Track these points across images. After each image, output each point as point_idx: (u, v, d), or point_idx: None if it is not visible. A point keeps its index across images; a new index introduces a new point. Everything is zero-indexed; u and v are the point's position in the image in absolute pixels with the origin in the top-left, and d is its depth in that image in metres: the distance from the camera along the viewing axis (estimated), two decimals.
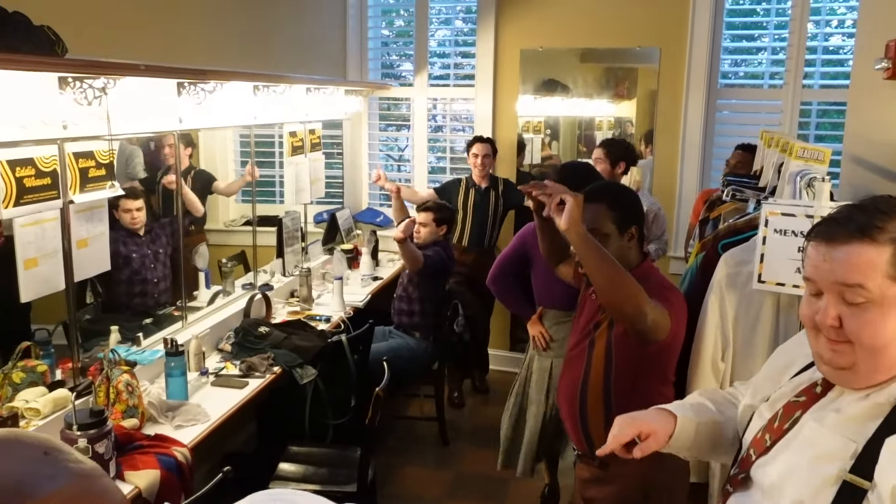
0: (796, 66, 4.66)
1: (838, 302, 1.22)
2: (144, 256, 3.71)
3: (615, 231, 2.20)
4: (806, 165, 2.27)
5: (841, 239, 1.21)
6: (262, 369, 3.31)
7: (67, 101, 2.55)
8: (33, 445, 0.70)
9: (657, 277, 2.21)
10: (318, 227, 5.34)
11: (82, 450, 2.28)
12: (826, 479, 1.21)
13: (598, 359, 2.21)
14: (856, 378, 1.24)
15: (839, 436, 1.22)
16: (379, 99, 5.75)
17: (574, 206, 1.92)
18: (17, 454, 0.68)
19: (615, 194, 2.28)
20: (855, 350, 1.22)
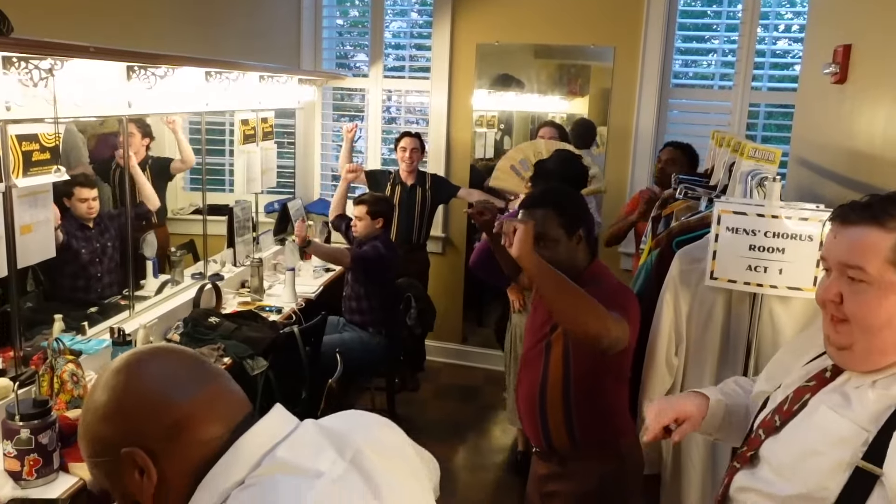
0: (745, 68, 4.77)
1: (841, 280, 1.29)
2: (94, 247, 3.61)
3: (563, 235, 2.21)
4: (757, 165, 2.33)
5: (853, 220, 1.28)
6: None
7: (11, 82, 2.46)
8: (189, 353, 1.03)
9: (607, 279, 2.22)
10: (269, 218, 5.26)
11: (24, 440, 2.22)
12: (839, 464, 1.25)
13: (556, 362, 2.23)
14: (854, 359, 1.30)
15: (852, 424, 1.27)
16: (333, 89, 5.70)
17: (524, 234, 1.90)
18: (181, 359, 1.01)
19: (560, 198, 2.28)
20: (853, 330, 1.28)
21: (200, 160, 4.31)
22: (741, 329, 2.29)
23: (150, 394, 0.95)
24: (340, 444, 1.01)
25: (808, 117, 3.23)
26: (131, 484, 0.94)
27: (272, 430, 0.98)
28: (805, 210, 2.10)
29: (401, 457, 1.09)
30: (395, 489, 1.01)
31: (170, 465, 0.94)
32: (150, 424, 0.93)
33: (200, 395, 0.97)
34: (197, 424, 0.95)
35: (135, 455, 0.93)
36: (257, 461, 0.94)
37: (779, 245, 2.11)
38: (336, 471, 0.96)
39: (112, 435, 0.94)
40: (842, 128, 2.71)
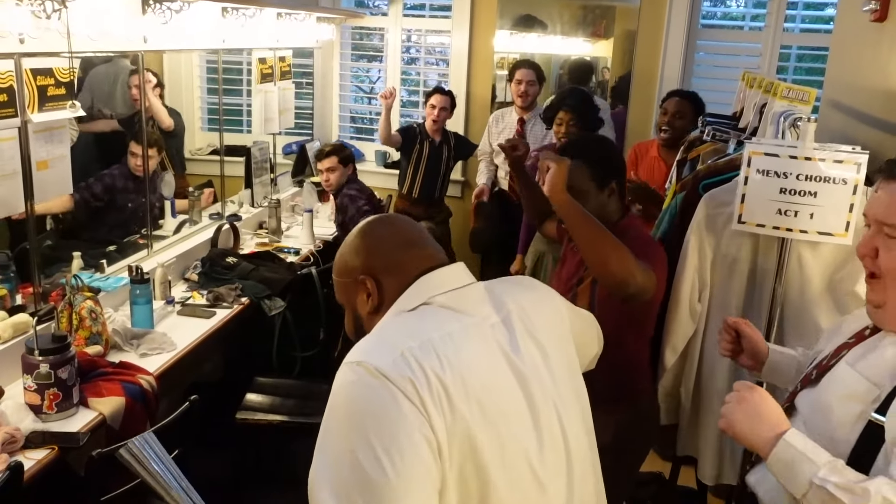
0: (778, 8, 4.60)
1: (878, 235, 1.30)
2: (139, 200, 3.62)
3: (594, 187, 2.14)
4: (790, 106, 2.25)
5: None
6: (230, 300, 3.26)
7: (24, 13, 2.40)
8: (414, 224, 1.38)
9: (638, 233, 2.16)
10: (287, 159, 5.23)
11: (44, 375, 2.23)
12: (851, 416, 1.28)
13: None
14: (886, 317, 1.31)
15: (864, 379, 1.29)
16: (352, 28, 5.58)
17: (557, 173, 1.88)
18: (410, 226, 1.36)
19: (593, 150, 2.21)
20: (886, 286, 1.29)
21: (217, 100, 4.26)
22: (767, 275, 2.24)
23: (385, 243, 1.31)
24: (498, 303, 1.28)
25: (844, 58, 3.11)
26: (359, 301, 1.31)
27: (447, 279, 1.27)
28: (840, 152, 2.03)
29: (548, 327, 1.33)
30: (532, 352, 1.25)
31: (385, 292, 1.28)
32: (381, 262, 1.29)
33: (413, 251, 1.30)
34: (406, 269, 1.28)
35: (367, 281, 1.28)
36: (430, 297, 1.24)
37: (811, 188, 2.04)
38: (488, 321, 1.24)
39: (356, 264, 1.31)
40: (879, 68, 2.61)
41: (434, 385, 1.10)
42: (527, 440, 1.19)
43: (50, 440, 2.17)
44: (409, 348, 1.12)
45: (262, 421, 3.01)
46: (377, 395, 1.08)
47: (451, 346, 1.16)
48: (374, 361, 1.10)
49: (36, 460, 2.08)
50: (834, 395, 1.33)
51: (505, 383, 1.20)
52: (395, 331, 1.20)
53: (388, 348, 1.13)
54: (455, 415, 1.10)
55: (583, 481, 1.30)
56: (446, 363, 1.13)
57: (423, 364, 1.11)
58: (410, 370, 1.10)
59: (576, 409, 1.32)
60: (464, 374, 1.14)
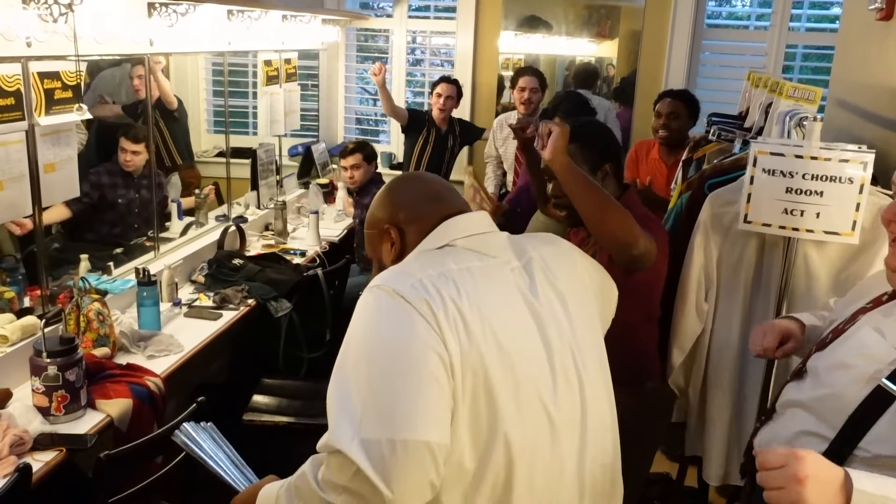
0: (783, 8, 4.60)
1: None
2: (132, 198, 3.64)
3: (587, 170, 2.12)
4: (796, 105, 2.24)
5: None
6: (237, 301, 3.27)
7: (31, 17, 2.42)
8: (439, 181, 1.45)
9: (639, 210, 2.16)
10: (293, 161, 5.24)
11: (52, 377, 2.24)
12: (862, 376, 1.29)
13: None
14: None
15: (884, 341, 1.31)
16: (357, 30, 5.59)
17: (559, 137, 1.87)
18: (434, 181, 1.43)
19: (587, 133, 2.20)
20: None
21: (223, 102, 4.28)
22: (773, 274, 2.23)
23: (409, 196, 1.39)
24: (520, 250, 1.34)
25: (850, 56, 3.11)
26: (384, 251, 1.38)
27: (470, 225, 1.34)
28: (846, 151, 2.02)
29: (568, 278, 1.36)
30: (550, 298, 1.29)
31: (408, 241, 1.35)
32: (404, 213, 1.36)
33: (437, 204, 1.36)
34: (428, 218, 1.35)
35: (391, 230, 1.36)
36: (453, 239, 1.30)
37: (817, 188, 2.03)
38: (509, 264, 1.30)
39: (382, 216, 1.39)
40: (885, 66, 2.61)
41: (450, 309, 1.15)
42: (541, 380, 1.22)
43: (58, 442, 2.18)
44: (427, 275, 1.19)
45: (269, 422, 3.02)
46: (394, 312, 1.15)
47: (469, 279, 1.21)
48: (392, 285, 1.17)
49: (44, 462, 2.09)
50: (850, 353, 1.35)
51: (522, 322, 1.24)
52: (416, 264, 1.27)
53: (407, 275, 1.20)
54: (471, 340, 1.14)
55: (598, 429, 1.31)
56: (464, 293, 1.18)
57: (440, 289, 1.17)
58: (427, 293, 1.16)
59: (593, 358, 1.34)
60: (481, 305, 1.18)
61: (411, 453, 1.06)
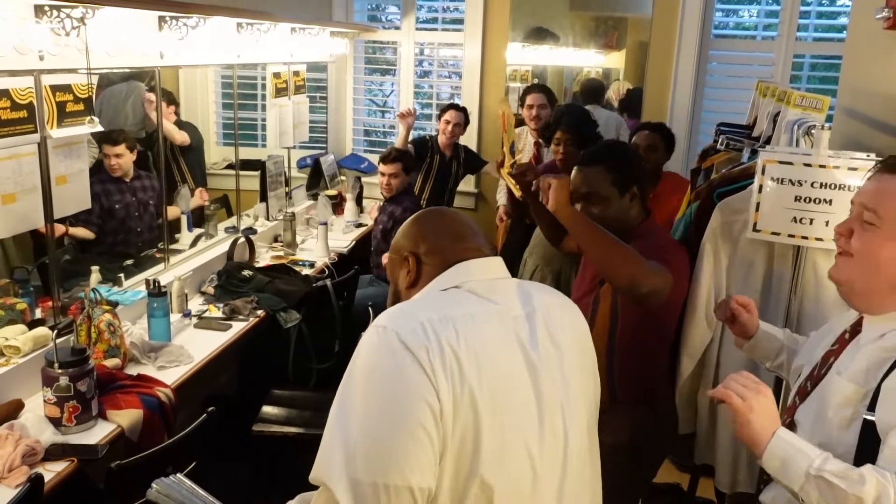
0: (790, 17, 4.60)
1: (858, 220, 1.37)
2: (128, 203, 3.66)
3: (615, 193, 2.16)
4: (804, 114, 2.24)
5: (894, 171, 1.35)
6: (246, 312, 3.28)
7: (44, 31, 2.45)
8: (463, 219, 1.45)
9: (658, 235, 2.18)
10: (302, 173, 5.26)
11: (63, 388, 2.25)
12: (845, 420, 1.33)
13: (604, 316, 2.19)
14: (855, 296, 1.39)
15: (852, 383, 1.34)
16: (365, 42, 5.62)
17: (558, 189, 1.93)
18: (458, 220, 1.44)
19: (615, 155, 2.23)
20: (852, 265, 1.37)
21: (232, 115, 4.31)
22: (783, 283, 2.23)
23: (434, 230, 1.42)
24: (525, 298, 1.34)
25: (858, 65, 3.10)
26: (400, 276, 1.42)
27: (482, 269, 1.36)
28: (855, 159, 2.02)
29: (569, 332, 1.37)
30: (549, 350, 1.30)
31: (423, 272, 1.38)
32: (425, 246, 1.39)
33: (458, 244, 1.38)
34: (447, 255, 1.37)
35: (409, 258, 1.40)
36: (462, 282, 1.32)
37: (826, 196, 2.03)
38: (512, 312, 1.30)
39: (405, 243, 1.42)
40: (893, 75, 2.60)
41: (447, 354, 1.17)
42: (529, 430, 1.24)
43: (69, 452, 2.19)
44: (429, 319, 1.21)
45: (278, 433, 3.02)
46: (393, 360, 1.17)
47: (470, 324, 1.23)
48: (396, 327, 1.20)
49: (55, 472, 2.10)
50: (828, 404, 1.39)
51: (517, 373, 1.25)
52: (422, 304, 1.31)
53: (411, 317, 1.22)
54: (464, 386, 1.17)
55: (578, 483, 1.32)
56: (462, 338, 1.20)
57: (439, 334, 1.19)
58: (427, 339, 1.18)
59: (582, 416, 1.34)
60: (478, 351, 1.21)
61: (394, 498, 1.13)
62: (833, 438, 1.35)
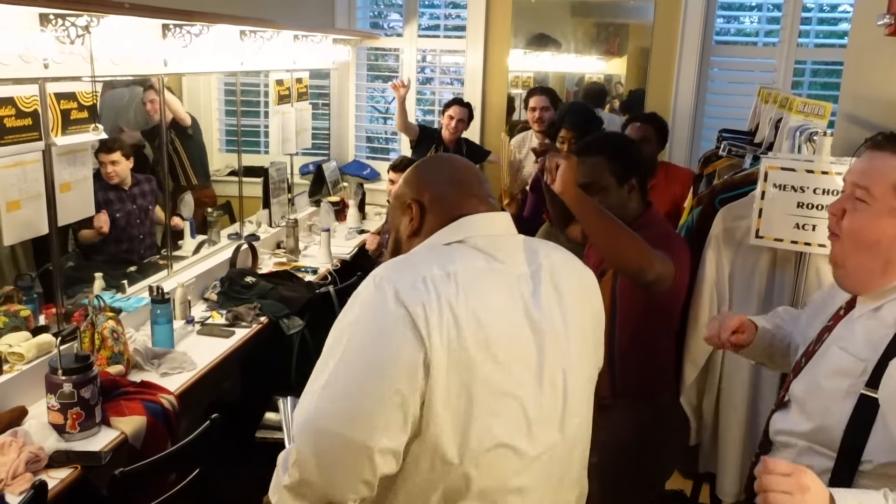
0: (792, 24, 4.61)
1: (850, 199, 1.36)
2: (129, 211, 3.66)
3: (614, 183, 2.16)
4: (806, 120, 2.25)
5: (882, 147, 1.35)
6: (249, 319, 3.28)
7: (49, 39, 2.46)
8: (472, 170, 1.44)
9: (660, 226, 2.17)
10: (304, 180, 5.27)
11: (67, 394, 2.25)
12: (839, 393, 1.32)
13: (605, 305, 2.18)
14: (847, 276, 1.38)
15: (848, 355, 1.34)
16: (367, 49, 5.64)
17: (566, 169, 1.91)
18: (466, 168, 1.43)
19: (614, 146, 2.23)
20: (844, 245, 1.36)
21: (235, 122, 4.32)
22: (786, 289, 2.23)
23: (436, 177, 1.41)
24: (532, 256, 1.33)
25: (859, 72, 3.11)
26: (402, 225, 1.40)
27: (488, 225, 1.33)
28: None
29: (574, 289, 1.37)
30: (553, 308, 1.30)
31: (426, 221, 1.36)
32: (430, 194, 1.37)
33: (462, 190, 1.37)
34: (451, 205, 1.35)
35: (413, 205, 1.38)
36: (467, 237, 1.30)
37: (828, 202, 2.03)
38: (516, 270, 1.29)
39: (407, 190, 1.40)
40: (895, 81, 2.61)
41: (445, 312, 1.17)
42: (527, 390, 1.24)
43: (73, 459, 2.19)
44: (432, 274, 1.21)
45: (281, 439, 3.01)
46: (385, 316, 1.17)
47: (473, 282, 1.23)
48: (396, 281, 1.20)
49: (59, 479, 2.10)
50: (822, 374, 1.38)
51: (519, 332, 1.25)
52: (425, 257, 1.28)
53: (413, 271, 1.22)
54: (461, 343, 1.17)
55: (573, 439, 1.35)
56: (463, 295, 1.20)
57: (439, 290, 1.19)
58: (427, 293, 1.18)
59: (582, 376, 1.35)
60: (478, 310, 1.20)
61: (352, 454, 1.16)
62: (826, 409, 1.34)
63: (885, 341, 1.29)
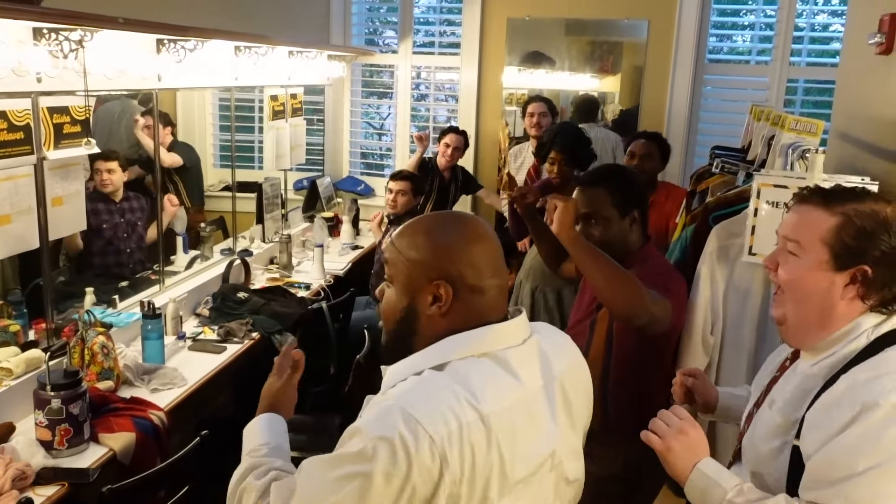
0: (784, 42, 4.65)
1: (782, 253, 1.39)
2: (116, 223, 3.65)
3: (616, 215, 2.18)
4: (798, 138, 2.26)
5: (807, 200, 1.38)
6: (241, 335, 3.26)
7: (42, 53, 2.46)
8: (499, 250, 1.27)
9: (657, 261, 2.19)
10: (298, 195, 5.27)
11: (55, 410, 2.23)
12: (772, 450, 1.37)
13: (599, 341, 2.19)
14: (788, 331, 1.40)
15: (780, 416, 1.38)
16: (362, 66, 5.66)
17: (564, 211, 1.93)
18: (496, 240, 1.26)
19: (616, 178, 2.25)
20: (785, 300, 1.38)
21: (230, 137, 4.32)
22: None
23: (477, 262, 1.22)
24: (546, 366, 1.25)
25: (851, 90, 3.13)
26: (420, 302, 1.22)
27: (512, 334, 1.22)
28: (850, 183, 2.02)
29: (581, 398, 1.34)
30: (565, 424, 1.26)
31: (455, 309, 1.21)
32: (472, 273, 1.21)
33: (493, 282, 1.23)
34: (482, 303, 1.22)
35: (442, 286, 1.20)
36: (485, 351, 1.19)
37: None
38: (533, 384, 1.21)
39: (433, 261, 1.21)
40: (886, 99, 2.62)
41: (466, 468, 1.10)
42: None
43: (60, 476, 2.17)
44: (466, 423, 1.11)
45: None
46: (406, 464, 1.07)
47: (507, 425, 1.15)
48: (429, 427, 1.09)
49: (46, 496, 2.07)
50: (759, 436, 1.42)
51: (539, 454, 1.21)
52: (452, 387, 1.14)
53: (443, 413, 1.10)
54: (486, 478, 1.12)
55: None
56: (495, 443, 1.13)
57: (472, 439, 1.11)
58: (450, 445, 1.09)
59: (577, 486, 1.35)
60: (506, 460, 1.14)
61: None
62: (765, 467, 1.38)
63: (810, 396, 1.32)
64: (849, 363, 1.31)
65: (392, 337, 1.28)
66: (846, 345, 1.33)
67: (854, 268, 1.31)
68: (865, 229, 1.30)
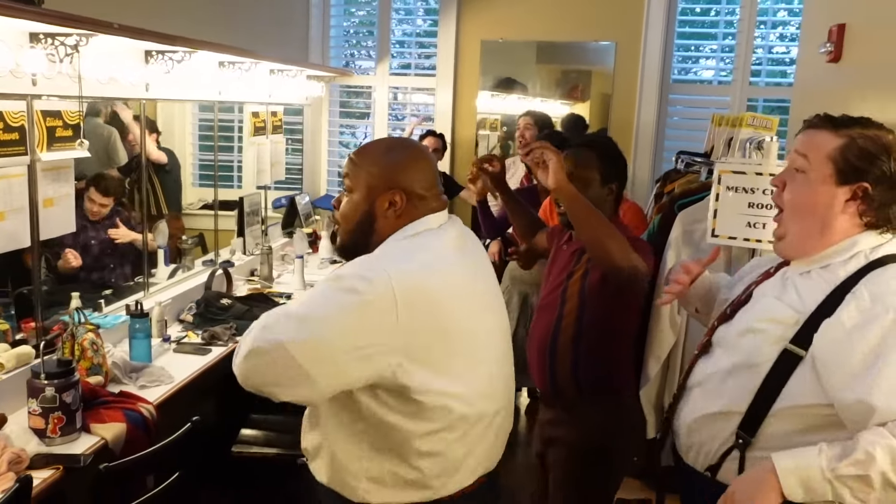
0: (744, 64, 4.90)
1: (790, 172, 1.50)
2: (102, 237, 3.70)
3: (598, 180, 2.26)
4: (755, 133, 2.42)
5: (818, 126, 1.50)
6: (225, 338, 3.32)
7: (39, 56, 2.55)
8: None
9: (625, 231, 2.30)
10: (277, 213, 5.35)
11: (49, 398, 2.28)
12: (772, 338, 1.44)
13: (572, 304, 2.27)
14: (786, 246, 1.51)
15: (785, 306, 1.46)
16: (340, 87, 5.80)
17: (557, 165, 2.01)
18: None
19: (609, 149, 2.35)
20: (786, 219, 1.49)
21: (212, 156, 4.41)
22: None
23: (422, 177, 1.59)
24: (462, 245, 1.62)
25: (806, 97, 3.33)
26: (378, 204, 1.58)
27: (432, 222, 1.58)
28: None
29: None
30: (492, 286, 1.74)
31: (406, 210, 1.57)
32: (420, 187, 1.58)
33: (432, 192, 1.60)
34: (424, 207, 1.58)
35: (398, 194, 1.56)
36: (428, 230, 1.57)
37: None
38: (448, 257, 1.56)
39: (391, 175, 1.57)
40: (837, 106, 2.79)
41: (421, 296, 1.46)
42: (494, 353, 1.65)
43: (53, 462, 2.21)
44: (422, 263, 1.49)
45: (258, 454, 3.05)
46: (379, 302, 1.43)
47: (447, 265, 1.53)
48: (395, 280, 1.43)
49: (42, 479, 2.11)
50: (756, 319, 1.50)
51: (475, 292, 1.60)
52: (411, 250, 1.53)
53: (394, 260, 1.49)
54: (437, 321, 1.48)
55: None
56: (440, 279, 1.50)
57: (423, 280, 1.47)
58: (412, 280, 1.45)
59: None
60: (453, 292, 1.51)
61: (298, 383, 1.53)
62: (758, 349, 1.45)
63: (815, 302, 1.42)
64: (849, 280, 1.40)
65: (351, 236, 1.62)
66: (844, 262, 1.43)
67: (855, 184, 1.43)
68: (868, 150, 1.42)
